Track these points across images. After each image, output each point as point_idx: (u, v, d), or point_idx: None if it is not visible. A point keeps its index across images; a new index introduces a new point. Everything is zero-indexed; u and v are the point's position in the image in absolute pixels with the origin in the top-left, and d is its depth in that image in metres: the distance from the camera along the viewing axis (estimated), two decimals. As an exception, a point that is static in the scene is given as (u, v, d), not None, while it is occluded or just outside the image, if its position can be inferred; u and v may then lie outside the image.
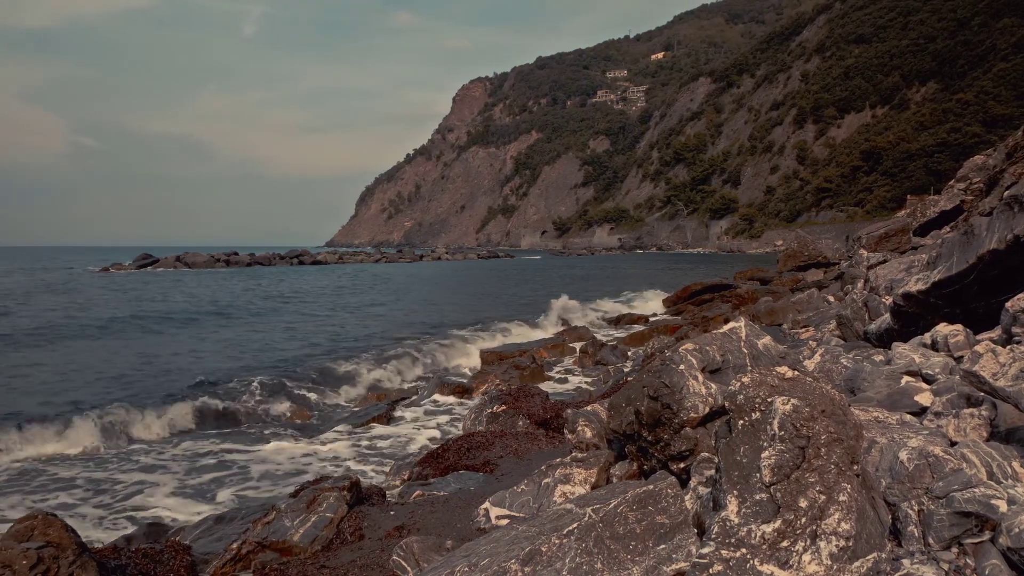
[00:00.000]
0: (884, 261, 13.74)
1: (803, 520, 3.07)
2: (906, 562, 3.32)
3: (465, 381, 16.13)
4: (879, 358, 6.49)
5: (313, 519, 6.22)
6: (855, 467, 3.22)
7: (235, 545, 6.08)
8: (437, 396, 14.92)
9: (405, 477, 8.79)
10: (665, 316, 29.51)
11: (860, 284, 12.14)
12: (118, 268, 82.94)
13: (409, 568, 4.97)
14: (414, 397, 15.51)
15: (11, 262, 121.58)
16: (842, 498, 3.11)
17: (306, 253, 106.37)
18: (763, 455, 3.19)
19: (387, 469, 9.92)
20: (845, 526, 3.08)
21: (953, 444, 4.12)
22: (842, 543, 3.05)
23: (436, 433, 12.65)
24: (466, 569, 3.38)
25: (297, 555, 5.90)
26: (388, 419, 13.31)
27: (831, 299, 17.52)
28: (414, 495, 7.16)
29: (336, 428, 12.86)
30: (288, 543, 6.00)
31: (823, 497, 3.10)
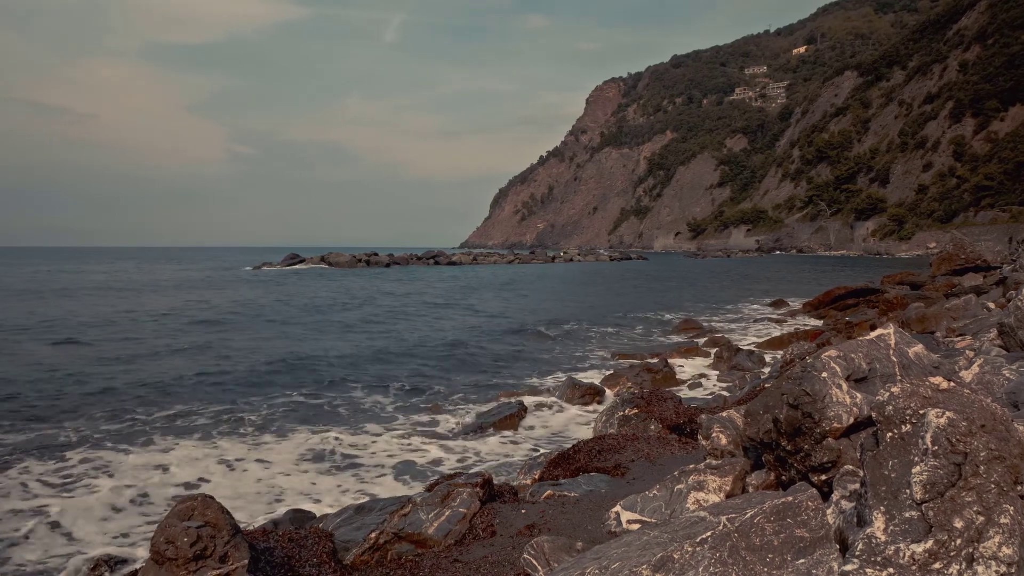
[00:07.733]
0: (1054, 265, 12.62)
1: (958, 542, 2.87)
2: (1078, 594, 3.05)
3: (596, 383, 16.08)
4: (1047, 370, 5.98)
5: (447, 513, 6.38)
6: (1019, 488, 2.99)
7: (373, 535, 6.33)
8: (568, 397, 14.95)
9: (536, 476, 8.85)
10: (805, 321, 28.39)
11: (1026, 290, 11.21)
12: (269, 266, 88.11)
13: (539, 567, 5.01)
14: (545, 397, 15.60)
15: (181, 263, 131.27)
16: (1003, 520, 2.90)
17: (442, 254, 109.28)
18: (914, 471, 3.01)
19: (518, 467, 10.04)
20: (1007, 551, 2.86)
21: None
22: (1003, 569, 2.84)
23: (567, 434, 12.69)
24: (596, 571, 3.37)
25: (431, 547, 6.07)
26: (520, 418, 13.46)
27: (991, 306, 16.28)
28: (545, 495, 7.20)
29: (469, 425, 13.12)
30: (423, 535, 6.19)
31: (981, 518, 2.89)
